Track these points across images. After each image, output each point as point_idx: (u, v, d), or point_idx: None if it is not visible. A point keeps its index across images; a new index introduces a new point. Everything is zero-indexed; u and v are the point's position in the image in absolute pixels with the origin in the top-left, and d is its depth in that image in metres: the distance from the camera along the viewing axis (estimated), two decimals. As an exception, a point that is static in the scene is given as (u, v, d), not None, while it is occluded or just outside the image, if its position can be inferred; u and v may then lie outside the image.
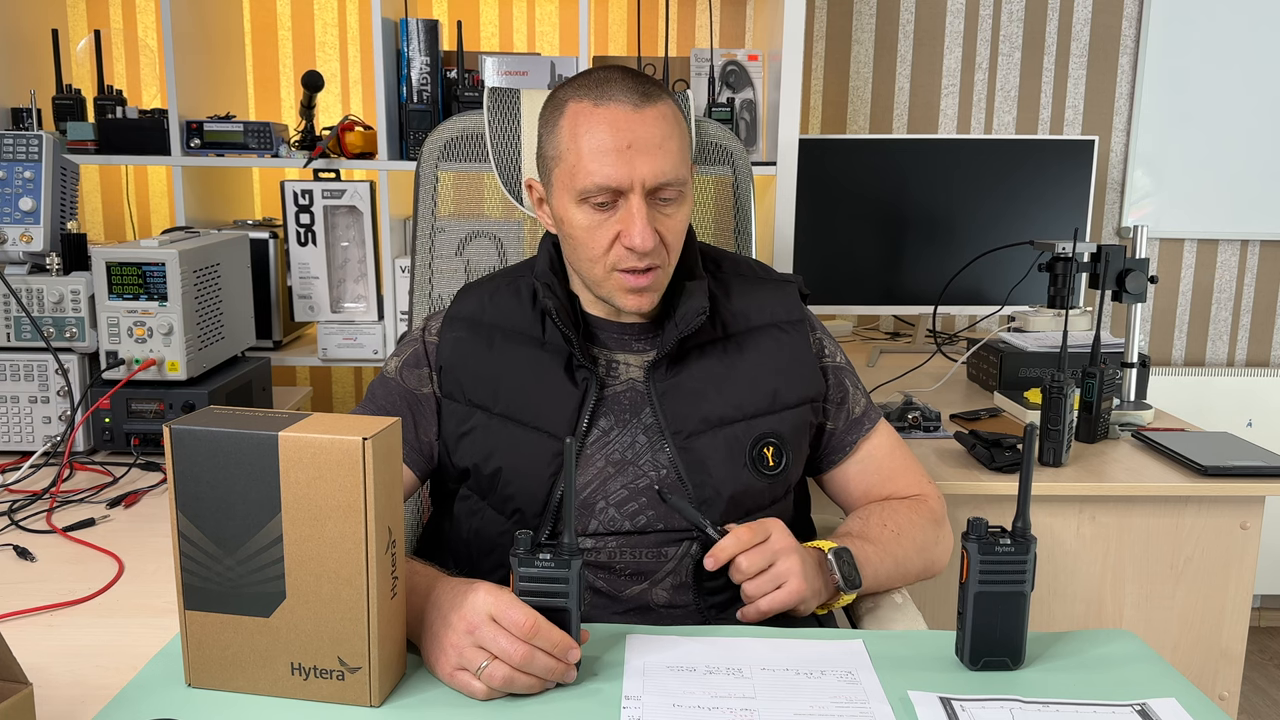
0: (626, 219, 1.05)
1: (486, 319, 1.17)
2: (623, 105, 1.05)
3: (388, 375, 1.18)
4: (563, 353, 1.13)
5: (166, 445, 0.80)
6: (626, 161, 1.04)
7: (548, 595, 0.85)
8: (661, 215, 1.07)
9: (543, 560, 0.85)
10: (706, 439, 1.12)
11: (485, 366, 1.14)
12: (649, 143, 1.04)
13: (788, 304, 1.22)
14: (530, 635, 0.83)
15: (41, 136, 1.58)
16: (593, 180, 1.04)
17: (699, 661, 0.90)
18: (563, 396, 1.12)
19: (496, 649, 0.83)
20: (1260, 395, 2.63)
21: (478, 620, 0.84)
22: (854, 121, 2.60)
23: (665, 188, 1.06)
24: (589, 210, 1.07)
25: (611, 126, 1.04)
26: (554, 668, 0.84)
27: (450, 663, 0.85)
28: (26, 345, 1.56)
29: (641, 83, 1.07)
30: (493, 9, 2.47)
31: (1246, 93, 2.59)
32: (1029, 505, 0.88)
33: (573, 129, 1.06)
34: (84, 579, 1.12)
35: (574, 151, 1.06)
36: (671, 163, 1.06)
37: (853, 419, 1.23)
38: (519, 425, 1.11)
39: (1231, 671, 1.60)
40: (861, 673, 0.89)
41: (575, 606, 0.85)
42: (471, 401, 1.13)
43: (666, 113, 1.07)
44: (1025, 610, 0.89)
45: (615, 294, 1.10)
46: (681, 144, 1.08)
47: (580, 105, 1.07)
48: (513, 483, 1.11)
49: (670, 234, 1.08)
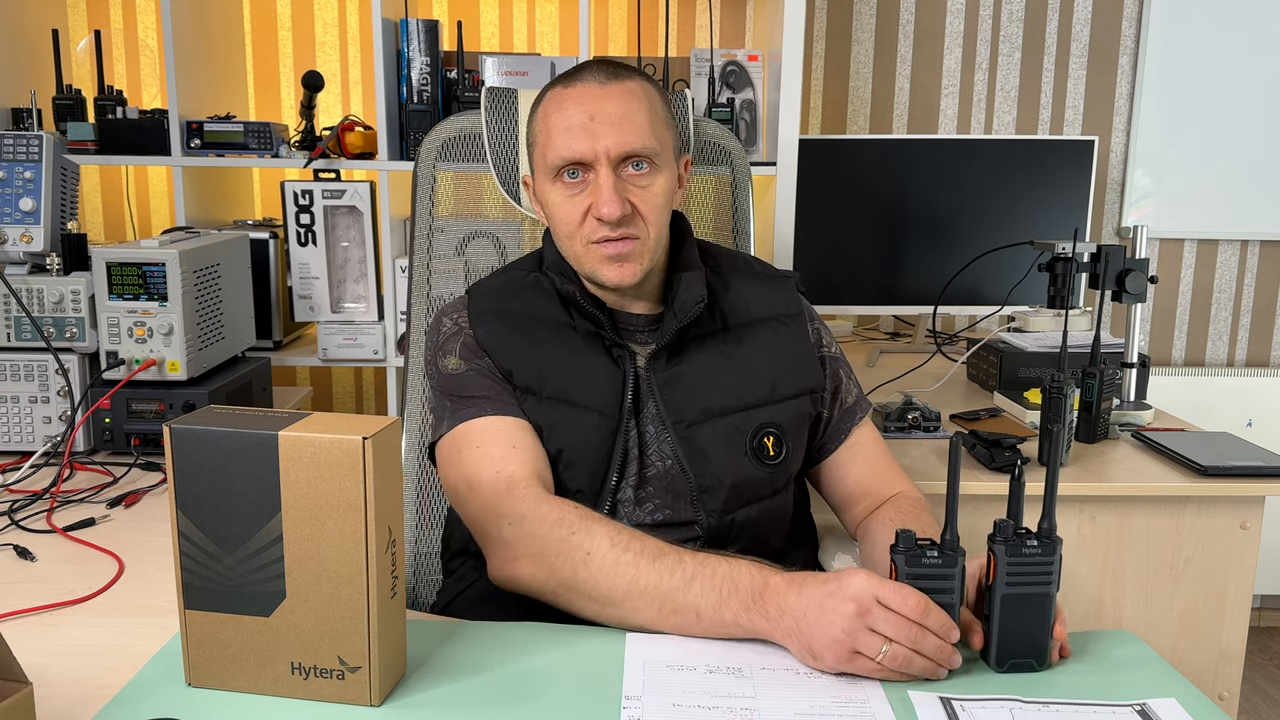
0: (595, 190, 1.08)
1: (513, 310, 1.17)
2: (589, 84, 1.10)
3: (456, 372, 1.15)
4: (593, 335, 1.15)
5: (166, 445, 0.80)
6: (589, 134, 1.07)
7: (934, 592, 0.86)
8: (634, 187, 1.10)
9: (930, 558, 0.86)
10: (707, 428, 1.12)
11: (526, 354, 1.14)
12: (613, 115, 1.08)
13: (786, 298, 1.23)
14: (922, 616, 0.85)
15: (42, 137, 1.58)
16: (560, 155, 1.09)
17: (699, 661, 0.90)
18: (606, 375, 1.13)
19: (891, 630, 0.84)
20: (1260, 395, 2.63)
21: (868, 603, 0.85)
22: (854, 121, 2.60)
23: (632, 157, 1.09)
24: (562, 186, 1.10)
25: (577, 103, 1.09)
26: (942, 648, 0.86)
27: (846, 648, 0.85)
28: (26, 345, 1.56)
29: (612, 66, 1.12)
30: (493, 9, 2.47)
31: (1246, 93, 2.59)
32: (1054, 506, 0.88)
33: (545, 112, 1.12)
34: (84, 579, 1.11)
35: (545, 132, 1.11)
36: (636, 133, 1.08)
37: (846, 408, 1.24)
38: (571, 406, 1.12)
39: (1231, 671, 1.60)
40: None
41: (959, 602, 0.88)
42: (520, 387, 1.13)
43: (634, 88, 1.10)
44: (1051, 611, 0.88)
45: (597, 268, 1.12)
46: (651, 117, 1.10)
47: (553, 91, 1.13)
48: (574, 464, 1.11)
49: (645, 205, 1.10)
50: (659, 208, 1.12)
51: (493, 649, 0.93)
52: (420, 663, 0.90)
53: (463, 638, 0.95)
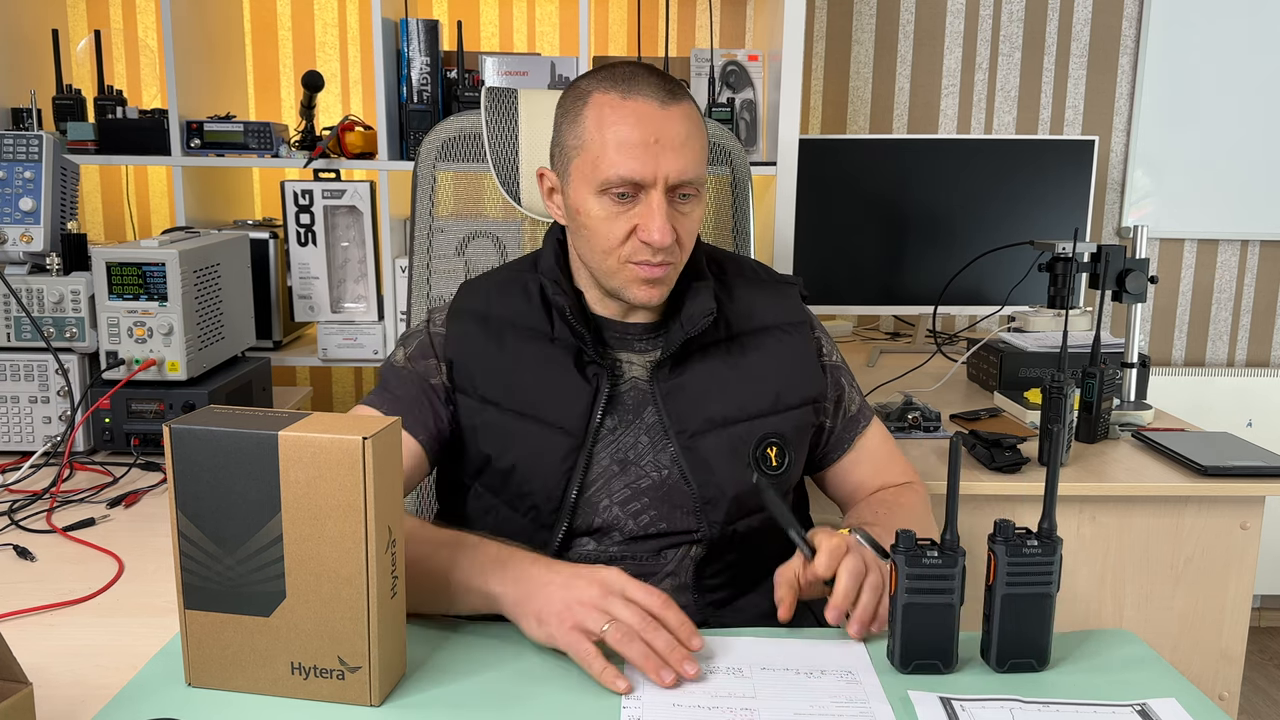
0: (646, 214, 1.06)
1: (495, 314, 1.16)
2: (650, 101, 1.05)
3: (396, 364, 1.18)
4: (572, 349, 1.13)
5: (166, 445, 0.80)
6: (653, 156, 1.04)
7: (933, 593, 0.86)
8: (678, 213, 1.08)
9: (930, 559, 0.86)
10: (710, 439, 1.12)
11: (496, 361, 1.14)
12: (674, 140, 1.05)
13: (790, 306, 1.22)
14: (661, 610, 0.87)
15: (42, 136, 1.58)
16: (616, 172, 1.05)
17: (699, 661, 0.90)
18: (575, 392, 1.12)
19: (624, 615, 0.87)
20: (1260, 395, 2.63)
21: (614, 590, 0.88)
22: (854, 121, 2.60)
23: (685, 185, 1.07)
24: (608, 201, 1.07)
25: (639, 120, 1.05)
26: (674, 646, 0.87)
27: (573, 618, 0.88)
28: (26, 345, 1.56)
29: (667, 81, 1.08)
30: (493, 9, 2.47)
31: (1246, 93, 2.59)
32: (1055, 506, 0.88)
33: (598, 120, 1.06)
34: (84, 579, 1.11)
35: (598, 142, 1.06)
36: (693, 161, 1.07)
37: (849, 417, 1.24)
38: (532, 421, 1.11)
39: (1231, 671, 1.60)
40: (862, 672, 0.89)
41: (959, 602, 0.87)
42: (484, 397, 1.13)
43: (691, 112, 1.08)
44: (1051, 612, 0.88)
45: (627, 285, 1.10)
46: (702, 145, 1.09)
47: (607, 97, 1.07)
48: (528, 480, 1.11)
49: (685, 233, 1.09)
50: (694, 235, 1.12)
51: (493, 649, 0.93)
52: (420, 663, 0.90)
53: (463, 638, 0.95)
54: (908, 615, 0.88)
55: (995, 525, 0.88)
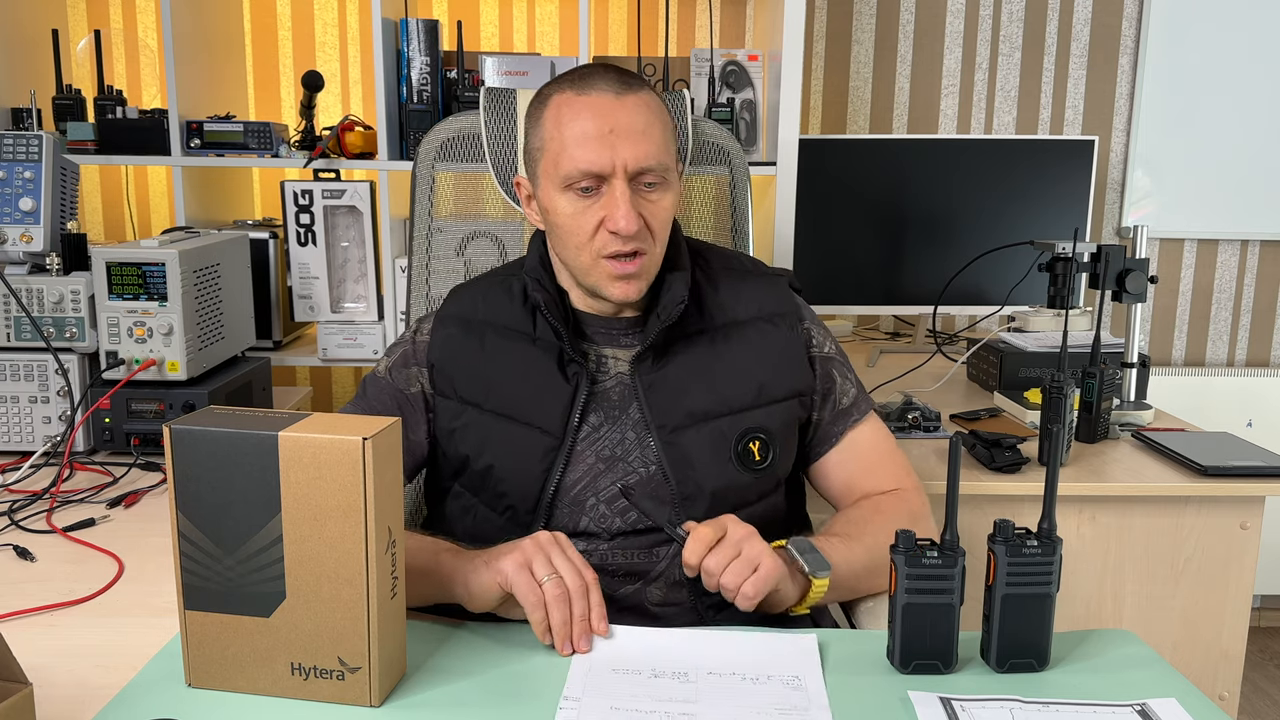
0: (610, 203, 1.07)
1: (478, 316, 1.17)
2: (604, 93, 1.07)
3: (378, 375, 1.20)
4: (554, 349, 1.13)
5: (166, 445, 0.80)
6: (609, 146, 1.05)
7: (932, 593, 0.86)
8: (645, 200, 1.09)
9: (930, 559, 0.86)
10: (691, 433, 1.11)
11: (477, 363, 1.14)
12: (631, 128, 1.06)
13: (777, 297, 1.21)
14: (590, 582, 0.93)
15: (41, 136, 1.58)
16: (576, 165, 1.06)
17: (645, 664, 0.89)
18: (554, 392, 1.12)
19: (562, 568, 0.92)
20: (1260, 395, 2.63)
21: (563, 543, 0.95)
22: (854, 121, 2.60)
23: (648, 172, 1.07)
24: (573, 197, 1.08)
25: (594, 113, 1.06)
26: (581, 619, 0.92)
27: (526, 556, 0.93)
28: (26, 345, 1.56)
29: (623, 74, 1.10)
30: (493, 9, 2.47)
31: (1246, 93, 2.59)
32: (1055, 506, 0.88)
33: (556, 118, 1.09)
34: (84, 579, 1.12)
35: (557, 140, 1.08)
36: (654, 148, 1.07)
37: (839, 410, 1.20)
38: (510, 421, 1.12)
39: (1231, 671, 1.60)
40: (808, 677, 0.88)
41: (959, 602, 0.87)
42: (463, 398, 1.14)
43: (649, 101, 1.09)
44: (1051, 612, 0.88)
45: (602, 283, 1.11)
46: (664, 132, 1.10)
47: (563, 96, 1.09)
48: (505, 479, 1.11)
49: (655, 220, 1.09)
50: (666, 223, 1.12)
51: (493, 649, 0.93)
52: (420, 663, 0.90)
53: (463, 638, 0.95)
54: (907, 615, 0.88)
55: (995, 525, 0.88)
